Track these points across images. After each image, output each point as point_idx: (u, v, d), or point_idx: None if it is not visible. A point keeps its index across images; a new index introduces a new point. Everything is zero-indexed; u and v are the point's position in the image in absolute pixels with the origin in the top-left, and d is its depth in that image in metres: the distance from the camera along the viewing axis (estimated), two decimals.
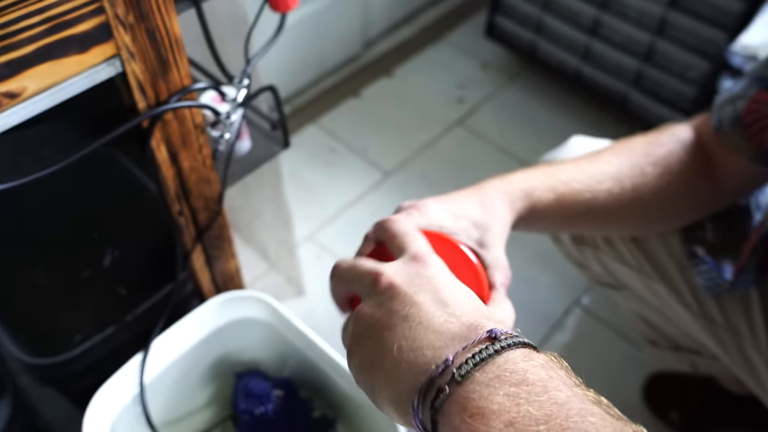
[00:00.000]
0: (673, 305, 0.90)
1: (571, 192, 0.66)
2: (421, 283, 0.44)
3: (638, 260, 0.89)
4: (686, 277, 0.86)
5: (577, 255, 1.00)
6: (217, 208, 0.84)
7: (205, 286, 0.93)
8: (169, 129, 0.70)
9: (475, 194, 0.62)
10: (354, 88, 1.87)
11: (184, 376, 0.95)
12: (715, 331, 0.86)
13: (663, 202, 0.72)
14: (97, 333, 0.88)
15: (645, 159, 0.70)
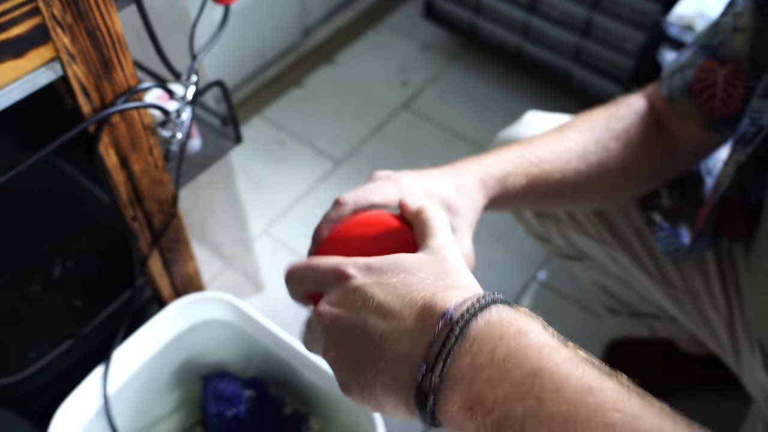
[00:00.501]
0: (635, 272, 0.93)
1: (542, 174, 0.67)
2: (377, 272, 0.45)
3: (599, 231, 0.92)
4: (646, 244, 0.88)
5: (539, 229, 1.02)
6: (172, 210, 0.81)
7: (164, 291, 0.90)
8: (117, 132, 0.68)
9: (451, 176, 0.62)
10: (296, 77, 1.84)
11: (148, 384, 0.92)
12: (674, 294, 0.90)
13: (626, 175, 0.73)
14: (53, 348, 0.84)
15: (607, 134, 0.72)
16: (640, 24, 1.46)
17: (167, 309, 0.88)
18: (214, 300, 0.91)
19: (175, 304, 0.89)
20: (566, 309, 1.40)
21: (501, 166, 0.65)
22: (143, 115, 0.69)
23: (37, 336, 0.84)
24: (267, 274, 1.41)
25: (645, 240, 0.88)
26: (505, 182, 0.64)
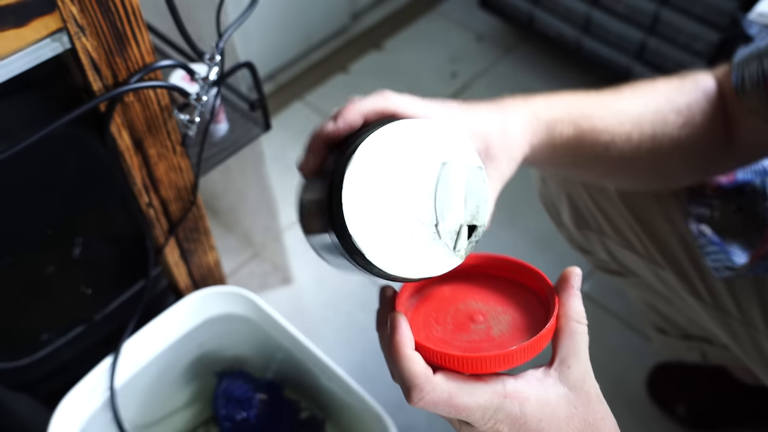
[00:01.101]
0: (684, 295, 0.84)
1: (592, 130, 0.59)
2: None
3: (646, 246, 0.83)
4: (697, 265, 0.80)
5: (581, 240, 0.94)
6: (191, 198, 0.76)
7: (181, 282, 0.86)
8: (131, 112, 0.62)
9: (498, 113, 0.53)
10: (342, 62, 1.77)
11: (160, 378, 0.88)
12: (728, 322, 0.81)
13: (679, 154, 0.65)
14: (64, 334, 0.81)
15: (668, 105, 0.63)
16: (715, 22, 1.34)
17: (181, 302, 0.83)
18: (232, 294, 0.86)
19: (190, 298, 0.84)
20: (610, 325, 1.31)
21: (551, 111, 0.57)
22: (161, 95, 0.64)
23: (47, 320, 0.80)
24: (297, 265, 1.36)
25: (697, 260, 0.80)
26: (552, 129, 0.56)
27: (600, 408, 0.42)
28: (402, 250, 0.41)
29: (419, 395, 0.39)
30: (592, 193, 0.85)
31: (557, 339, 0.42)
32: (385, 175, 0.41)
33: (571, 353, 0.42)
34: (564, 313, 0.43)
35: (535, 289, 0.47)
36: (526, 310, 0.46)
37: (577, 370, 0.41)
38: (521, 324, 0.44)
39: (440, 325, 0.45)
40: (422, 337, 0.44)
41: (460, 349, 0.43)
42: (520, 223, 1.46)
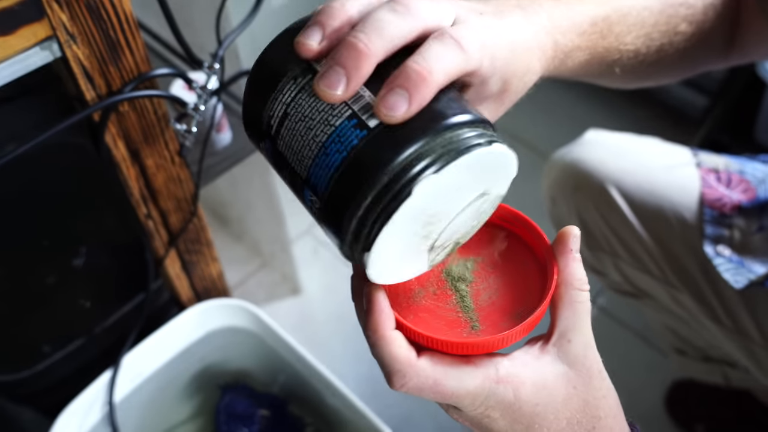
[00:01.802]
0: (702, 319, 0.80)
1: (605, 53, 0.53)
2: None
3: (662, 269, 0.79)
4: (717, 288, 0.76)
5: (593, 262, 0.90)
6: (192, 209, 0.74)
7: (183, 294, 0.84)
8: (126, 122, 0.61)
9: (523, 25, 0.44)
10: None
11: (161, 392, 0.87)
12: (749, 347, 0.77)
13: (680, 63, 0.60)
14: (64, 347, 0.79)
15: (683, 10, 0.57)
16: None
17: (183, 315, 0.82)
18: (234, 307, 0.84)
19: (192, 311, 0.82)
20: (627, 341, 1.27)
21: (572, 36, 0.49)
22: (157, 105, 0.62)
23: (47, 333, 0.79)
24: (306, 275, 1.34)
25: (715, 283, 0.76)
26: (570, 58, 0.49)
27: (601, 385, 0.38)
28: (394, 261, 0.36)
29: (401, 381, 0.35)
30: (604, 214, 0.82)
31: (556, 309, 0.38)
32: (430, 203, 0.34)
33: (572, 325, 0.37)
34: (563, 280, 0.38)
35: (531, 245, 0.41)
36: (519, 270, 0.41)
37: (579, 343, 0.37)
38: (514, 288, 0.40)
39: (424, 288, 0.40)
40: (404, 308, 0.39)
41: (447, 323, 0.38)
42: None
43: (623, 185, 0.80)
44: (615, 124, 1.62)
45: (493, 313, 0.39)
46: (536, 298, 0.38)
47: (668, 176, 0.79)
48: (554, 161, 0.89)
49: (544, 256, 0.40)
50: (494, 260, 0.41)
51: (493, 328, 0.38)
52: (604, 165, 0.82)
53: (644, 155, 0.83)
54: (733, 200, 0.76)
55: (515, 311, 0.38)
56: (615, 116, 1.64)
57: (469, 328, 0.38)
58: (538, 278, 0.40)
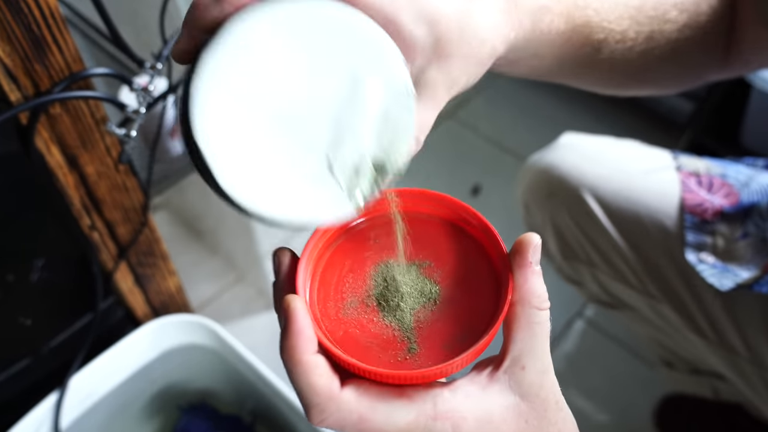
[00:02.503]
0: (684, 332, 0.76)
1: (585, 26, 0.47)
2: None
3: (641, 279, 0.75)
4: (698, 299, 0.72)
5: (569, 272, 0.85)
6: (142, 219, 0.70)
7: (138, 310, 0.80)
8: (60, 126, 0.57)
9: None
10: None
11: (115, 415, 0.82)
12: (735, 361, 0.72)
13: (673, 59, 0.54)
14: (5, 369, 0.74)
15: None
16: None
17: (136, 333, 0.77)
18: (193, 324, 0.79)
19: (146, 328, 0.78)
20: (614, 353, 1.22)
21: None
22: (95, 107, 0.58)
23: None
24: None
25: (698, 294, 0.71)
26: (539, 21, 0.42)
27: (557, 418, 0.33)
28: (275, 184, 0.30)
29: (320, 416, 0.30)
30: (579, 222, 0.78)
31: (510, 330, 0.33)
32: (263, 76, 0.29)
33: (527, 350, 0.32)
34: (520, 298, 0.33)
35: (489, 253, 0.36)
36: (472, 281, 0.35)
37: (533, 371, 0.32)
38: (463, 303, 0.34)
39: (357, 296, 0.35)
40: (333, 322, 0.34)
41: (380, 343, 0.33)
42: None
43: (599, 191, 0.76)
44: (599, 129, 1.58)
45: (436, 333, 0.33)
46: (488, 317, 0.33)
47: (646, 181, 0.75)
48: (528, 166, 0.85)
49: (501, 267, 0.34)
50: (443, 267, 0.36)
51: (434, 352, 0.33)
52: (578, 170, 0.78)
53: (621, 159, 0.79)
54: (714, 205, 0.72)
55: (461, 332, 0.33)
56: (599, 121, 1.61)
57: (406, 349, 0.33)
58: (492, 292, 0.34)
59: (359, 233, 0.37)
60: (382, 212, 0.37)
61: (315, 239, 0.35)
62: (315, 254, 0.35)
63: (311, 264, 0.35)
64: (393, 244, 0.36)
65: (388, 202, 0.36)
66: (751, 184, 0.74)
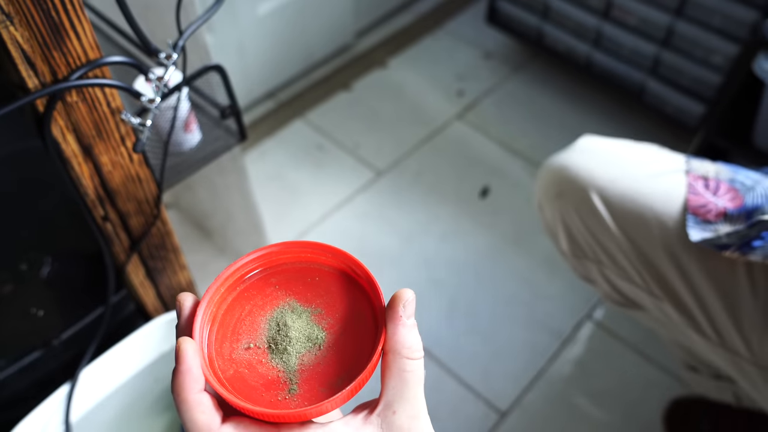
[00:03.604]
0: (687, 332, 0.76)
1: None
2: None
3: (644, 278, 0.75)
4: (698, 298, 0.72)
5: (581, 270, 0.86)
6: (154, 212, 0.70)
7: (149, 304, 0.79)
8: (76, 114, 0.57)
9: None
10: (345, 80, 1.72)
11: (127, 410, 0.81)
12: (737, 362, 0.72)
13: None
14: (17, 360, 0.74)
15: None
16: (733, 34, 1.27)
17: (147, 326, 0.77)
18: None
19: (158, 321, 0.77)
20: (623, 356, 1.22)
21: None
22: (111, 96, 0.58)
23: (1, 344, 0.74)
24: None
25: (699, 295, 0.71)
26: None
27: None
28: None
29: None
30: (586, 221, 0.78)
31: (384, 377, 0.36)
32: None
33: (399, 395, 0.35)
34: (391, 348, 0.36)
35: (371, 299, 0.39)
36: (355, 329, 0.38)
37: (404, 415, 0.35)
38: (344, 349, 0.37)
39: (251, 338, 0.38)
40: (225, 361, 0.37)
41: (265, 383, 0.36)
42: (527, 246, 1.38)
43: (605, 192, 0.76)
44: (609, 132, 1.58)
45: (316, 376, 0.36)
46: (364, 364, 0.36)
47: (653, 183, 0.75)
48: (543, 167, 0.86)
49: (380, 318, 0.37)
50: (333, 314, 0.39)
51: (312, 393, 0.36)
52: (588, 171, 0.78)
53: (632, 162, 0.79)
54: (718, 207, 0.72)
55: (340, 376, 0.36)
56: (609, 124, 1.60)
57: (287, 390, 0.36)
58: (371, 341, 0.37)
59: (261, 280, 0.40)
60: (283, 260, 0.41)
61: (217, 284, 0.39)
62: (216, 298, 0.39)
63: (211, 307, 0.38)
64: (291, 291, 0.39)
65: (291, 252, 0.40)
66: (757, 188, 0.74)
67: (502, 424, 1.14)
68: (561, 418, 1.14)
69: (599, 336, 1.25)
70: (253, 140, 1.57)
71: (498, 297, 1.30)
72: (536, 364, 1.21)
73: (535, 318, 1.27)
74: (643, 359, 1.21)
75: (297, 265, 0.40)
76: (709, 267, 0.70)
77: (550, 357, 1.22)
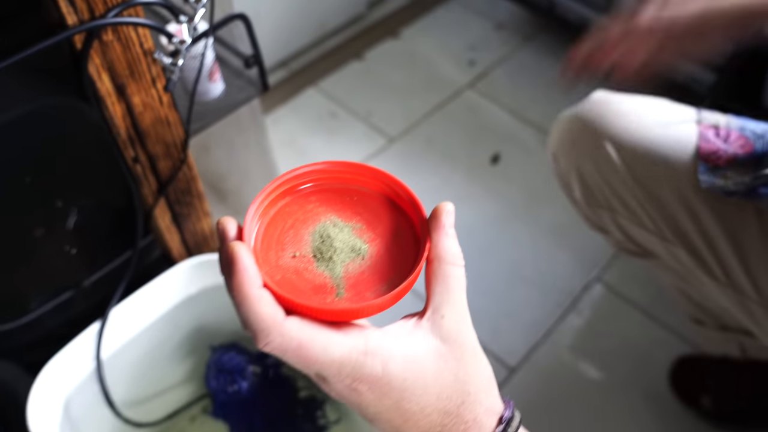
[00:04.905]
0: (698, 274, 0.78)
1: None
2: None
3: (656, 223, 0.78)
4: (708, 241, 0.74)
5: (594, 219, 0.88)
6: (181, 156, 0.73)
7: (174, 249, 0.82)
8: (111, 53, 0.59)
9: None
10: (358, 50, 1.74)
11: (152, 351, 0.85)
12: (746, 303, 0.74)
13: None
14: (51, 299, 0.78)
15: None
16: None
17: (174, 269, 0.80)
18: None
19: (184, 265, 0.81)
20: (630, 316, 1.24)
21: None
22: (143, 37, 0.60)
23: (35, 284, 0.78)
24: None
25: (709, 238, 0.74)
26: None
27: (473, 361, 0.37)
28: None
29: (264, 340, 0.33)
30: (600, 168, 0.81)
31: (430, 285, 0.38)
32: None
33: (445, 300, 0.37)
34: (436, 256, 0.38)
35: (410, 216, 0.41)
36: (396, 242, 0.40)
37: (451, 319, 0.37)
38: (387, 260, 0.39)
39: (296, 248, 0.39)
40: (272, 268, 0.38)
41: (313, 287, 0.37)
42: (535, 210, 1.41)
43: (619, 140, 0.79)
44: None
45: (361, 283, 0.38)
46: (408, 270, 0.38)
47: (665, 131, 0.78)
48: (558, 119, 0.88)
49: (420, 229, 0.40)
50: (374, 230, 0.41)
51: (359, 298, 0.37)
52: (603, 120, 0.81)
53: (645, 113, 0.82)
54: (728, 153, 0.74)
55: (384, 283, 0.38)
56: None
57: (335, 294, 0.37)
58: (413, 250, 0.40)
59: (302, 196, 0.42)
60: (325, 179, 0.42)
61: (260, 198, 0.40)
62: (260, 211, 0.40)
63: (255, 219, 0.39)
64: (332, 208, 0.41)
65: (333, 171, 0.42)
66: (767, 136, 0.76)
67: (512, 378, 1.17)
68: (569, 375, 1.17)
69: (607, 297, 1.27)
70: (267, 108, 1.59)
71: (508, 259, 1.33)
72: (545, 323, 1.24)
73: (545, 280, 1.30)
74: (650, 319, 1.24)
75: (338, 185, 0.42)
76: (719, 211, 0.73)
77: (558, 316, 1.24)
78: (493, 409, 0.38)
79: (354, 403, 0.36)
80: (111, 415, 0.81)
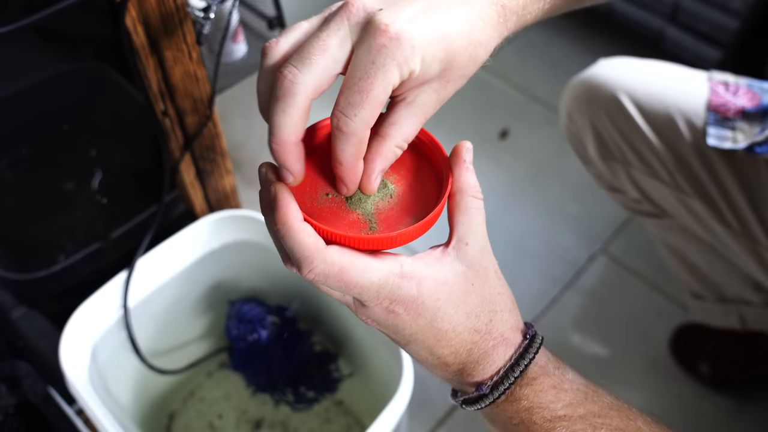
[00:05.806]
0: (711, 223, 0.82)
1: None
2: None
3: (672, 174, 0.81)
4: (722, 189, 0.78)
5: (608, 176, 0.92)
6: (208, 112, 0.76)
7: (197, 205, 0.86)
8: (146, 6, 0.62)
9: (465, 5, 0.38)
10: None
11: (175, 303, 0.88)
12: (758, 251, 0.78)
13: None
14: (80, 250, 0.81)
15: None
16: None
17: (197, 223, 0.83)
18: (249, 219, 0.85)
19: (207, 219, 0.84)
20: (633, 287, 1.28)
21: None
22: None
23: (65, 235, 0.81)
24: None
25: (722, 184, 0.78)
26: (526, 12, 0.43)
27: (497, 284, 0.41)
28: None
29: (308, 267, 0.36)
30: (616, 122, 0.84)
31: (453, 216, 0.41)
32: None
33: (468, 230, 0.40)
34: (458, 188, 0.41)
35: (431, 159, 0.44)
36: (419, 181, 0.43)
37: (475, 246, 0.40)
38: (413, 197, 0.42)
39: (330, 191, 0.42)
40: (308, 208, 0.41)
41: (347, 224, 0.40)
42: (540, 183, 1.44)
43: (635, 93, 0.82)
44: None
45: (391, 217, 0.41)
46: (433, 205, 0.41)
47: (678, 85, 0.82)
48: (570, 84, 0.91)
49: (442, 168, 0.42)
50: (399, 172, 0.44)
51: (390, 230, 0.40)
52: (617, 77, 0.85)
53: (658, 69, 0.86)
54: (737, 105, 0.78)
55: (412, 217, 0.41)
56: None
57: (368, 228, 0.41)
58: (435, 188, 0.42)
59: (328, 145, 0.43)
60: None
61: None
62: None
63: None
64: None
65: None
66: None
67: None
68: (573, 343, 1.21)
69: (612, 268, 1.31)
70: None
71: (515, 231, 1.36)
72: (550, 292, 1.27)
73: (551, 251, 1.33)
74: (653, 290, 1.27)
75: None
76: (732, 161, 0.76)
77: (563, 286, 1.28)
78: (517, 326, 0.41)
79: (391, 326, 0.39)
80: (135, 361, 0.84)
